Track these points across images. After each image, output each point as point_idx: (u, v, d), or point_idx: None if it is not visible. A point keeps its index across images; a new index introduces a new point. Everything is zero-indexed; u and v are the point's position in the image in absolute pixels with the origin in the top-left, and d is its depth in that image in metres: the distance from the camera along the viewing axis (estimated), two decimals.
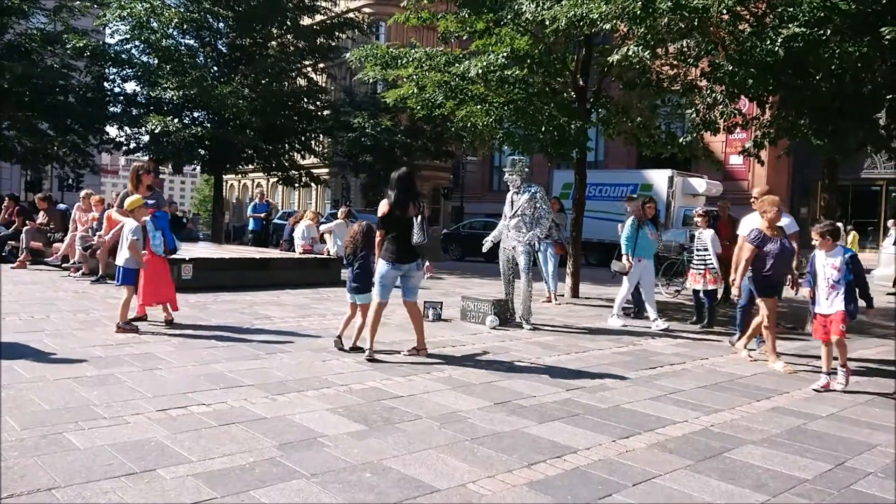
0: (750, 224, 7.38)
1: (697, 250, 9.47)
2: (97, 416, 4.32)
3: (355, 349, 6.69)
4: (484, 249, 9.75)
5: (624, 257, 9.09)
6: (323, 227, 15.29)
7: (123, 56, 21.25)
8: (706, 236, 9.33)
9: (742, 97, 10.27)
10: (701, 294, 9.41)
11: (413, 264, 6.45)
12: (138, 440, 3.92)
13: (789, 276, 7.12)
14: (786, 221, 7.33)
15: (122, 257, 7.34)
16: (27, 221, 14.24)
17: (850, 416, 5.18)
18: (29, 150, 21.23)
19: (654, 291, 9.37)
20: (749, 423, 4.86)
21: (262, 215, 20.45)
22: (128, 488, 3.24)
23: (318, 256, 13.93)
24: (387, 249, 6.46)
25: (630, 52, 9.34)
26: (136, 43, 20.99)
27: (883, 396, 5.84)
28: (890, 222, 17.86)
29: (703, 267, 9.29)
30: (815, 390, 5.88)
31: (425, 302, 9.18)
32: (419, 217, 6.42)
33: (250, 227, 19.39)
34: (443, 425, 4.47)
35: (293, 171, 24.26)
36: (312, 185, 26.95)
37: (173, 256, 11.44)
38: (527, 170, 9.09)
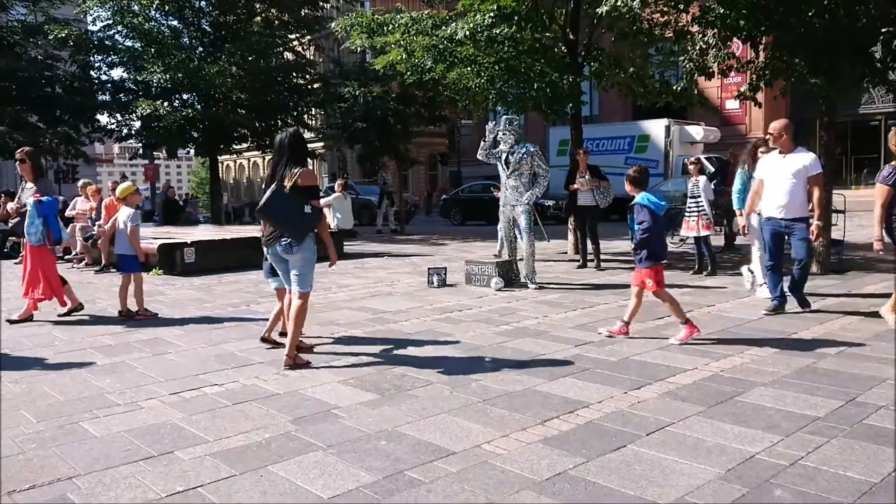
0: (769, 163, 6.63)
1: (691, 197, 9.38)
2: (111, 403, 4.36)
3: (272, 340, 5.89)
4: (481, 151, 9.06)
5: (737, 213, 7.76)
6: (321, 202, 15.24)
7: (107, 42, 21.03)
8: (700, 183, 9.27)
9: (735, 40, 10.13)
10: (702, 242, 9.40)
11: (279, 246, 5.15)
12: (154, 424, 3.95)
13: None
14: (808, 160, 6.42)
15: (122, 245, 7.31)
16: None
17: (858, 352, 5.19)
18: (21, 145, 21.08)
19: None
20: (759, 365, 4.88)
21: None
22: (147, 472, 3.28)
23: None
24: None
25: (619, 3, 9.19)
26: (119, 28, 20.76)
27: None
28: None
29: (696, 213, 9.24)
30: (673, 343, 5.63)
31: (429, 268, 9.20)
32: (279, 186, 5.10)
33: None
34: (454, 389, 4.49)
35: None
36: (308, 159, 26.82)
37: (175, 241, 11.49)
38: (519, 131, 9.00)
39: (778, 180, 6.52)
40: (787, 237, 6.64)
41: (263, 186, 5.37)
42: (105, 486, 3.12)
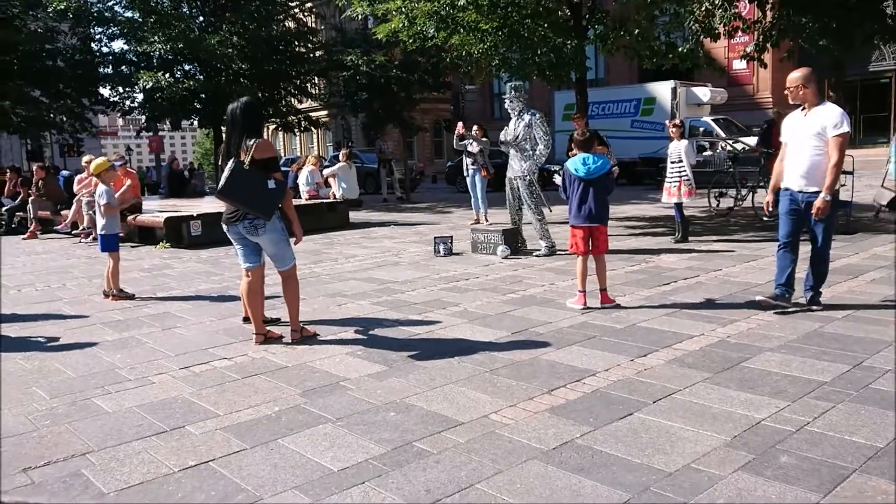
0: (791, 123, 5.46)
1: (672, 162, 9.11)
2: (122, 378, 4.40)
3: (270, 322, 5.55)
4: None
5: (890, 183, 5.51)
6: (326, 171, 15.22)
7: (107, 14, 20.85)
8: (681, 147, 9.02)
9: None
10: (679, 208, 9.16)
11: (242, 226, 4.88)
12: (165, 399, 3.99)
13: None
14: (831, 117, 5.17)
15: (99, 224, 7.15)
16: (30, 191, 14.29)
17: (865, 315, 5.18)
18: (24, 119, 21.07)
19: None
20: (765, 331, 4.88)
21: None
22: (159, 447, 3.32)
23: (325, 201, 13.90)
24: None
25: None
26: None
27: None
28: None
29: (677, 179, 9.03)
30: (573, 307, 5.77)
31: (435, 237, 9.20)
32: (237, 162, 4.77)
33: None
34: (462, 359, 4.52)
35: (291, 117, 24.00)
36: (312, 129, 26.71)
37: (181, 214, 11.50)
38: (526, 97, 8.86)
39: (799, 144, 5.28)
40: (808, 215, 5.28)
41: (220, 163, 5.04)
42: (119, 462, 3.17)
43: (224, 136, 5.09)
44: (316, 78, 25.84)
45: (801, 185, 5.26)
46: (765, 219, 10.75)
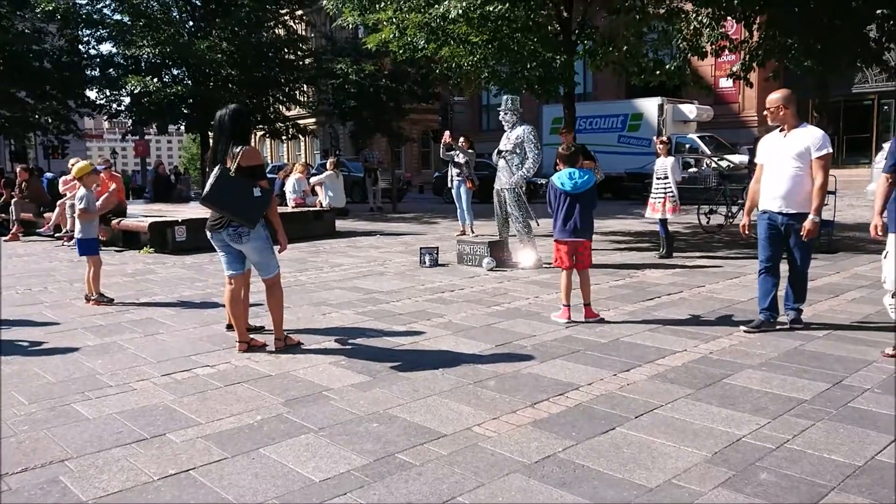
0: (768, 144, 5.38)
1: (657, 178, 9.18)
2: (103, 384, 4.36)
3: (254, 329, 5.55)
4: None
5: None
6: (313, 180, 15.20)
7: (95, 16, 20.76)
8: (667, 164, 9.10)
9: (729, 18, 10.09)
10: (664, 224, 9.26)
11: (226, 234, 4.85)
12: (146, 406, 3.96)
13: None
14: (813, 138, 5.10)
15: (76, 228, 7.09)
16: (13, 193, 14.17)
17: (845, 334, 5.23)
18: (8, 120, 20.89)
19: None
20: (747, 347, 4.92)
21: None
22: (139, 454, 3.29)
23: (311, 209, 13.88)
24: None
25: None
26: (107, 1, 20.49)
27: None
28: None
29: (662, 195, 9.11)
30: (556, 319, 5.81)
31: (421, 248, 9.20)
32: (224, 169, 4.77)
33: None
34: (446, 371, 4.52)
35: (279, 124, 23.95)
36: (300, 136, 26.68)
37: (165, 219, 11.44)
38: (521, 109, 8.89)
39: (778, 165, 5.21)
40: (787, 237, 5.27)
41: (207, 169, 5.04)
42: (98, 469, 3.14)
43: (211, 142, 5.12)
44: (305, 85, 25.85)
45: (781, 207, 5.21)
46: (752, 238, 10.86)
